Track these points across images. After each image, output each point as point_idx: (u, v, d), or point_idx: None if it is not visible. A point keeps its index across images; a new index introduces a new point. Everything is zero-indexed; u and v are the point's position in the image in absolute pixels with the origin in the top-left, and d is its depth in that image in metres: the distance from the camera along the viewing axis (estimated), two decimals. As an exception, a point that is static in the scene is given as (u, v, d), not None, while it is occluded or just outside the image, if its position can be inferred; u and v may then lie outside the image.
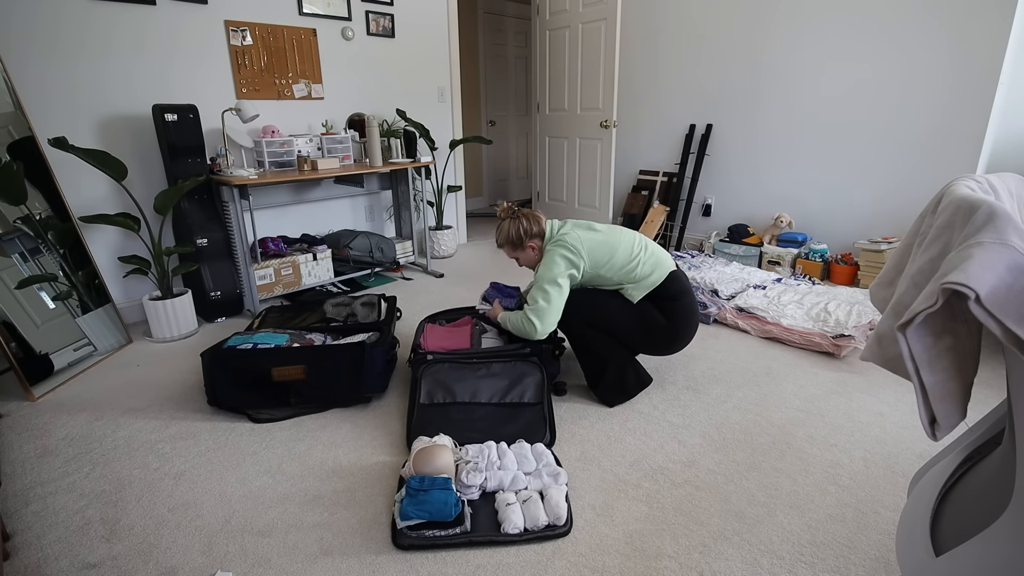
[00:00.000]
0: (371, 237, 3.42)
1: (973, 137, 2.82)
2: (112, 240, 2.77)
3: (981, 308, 0.54)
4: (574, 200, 4.70)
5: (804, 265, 3.33)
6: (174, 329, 2.63)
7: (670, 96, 4.13)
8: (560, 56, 4.46)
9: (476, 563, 1.32)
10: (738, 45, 3.65)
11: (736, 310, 2.73)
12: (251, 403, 1.95)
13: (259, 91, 3.13)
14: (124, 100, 2.70)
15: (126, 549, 1.37)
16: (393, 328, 2.28)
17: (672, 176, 4.23)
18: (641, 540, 1.38)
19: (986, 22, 2.68)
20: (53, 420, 1.95)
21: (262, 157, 3.04)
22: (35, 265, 2.25)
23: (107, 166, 2.34)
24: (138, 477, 1.64)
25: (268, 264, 2.94)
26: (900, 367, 0.74)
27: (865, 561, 1.31)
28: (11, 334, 2.08)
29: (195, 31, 2.85)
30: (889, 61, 3.03)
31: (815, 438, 1.80)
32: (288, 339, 2.07)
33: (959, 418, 0.66)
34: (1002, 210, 0.59)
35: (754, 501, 1.51)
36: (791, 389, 2.11)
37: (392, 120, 3.77)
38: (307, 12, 3.22)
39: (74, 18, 2.49)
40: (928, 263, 0.69)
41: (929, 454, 1.72)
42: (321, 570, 1.30)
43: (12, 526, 1.45)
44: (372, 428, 1.88)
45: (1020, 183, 0.84)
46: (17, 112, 2.30)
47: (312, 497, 1.55)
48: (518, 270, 3.75)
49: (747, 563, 1.31)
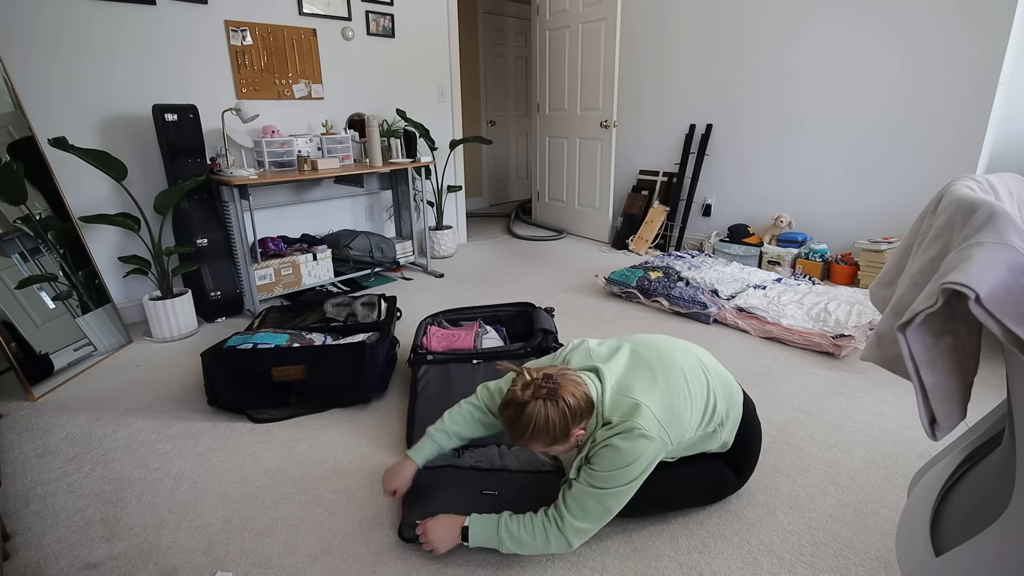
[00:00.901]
0: (371, 237, 3.42)
1: (973, 137, 2.82)
2: (112, 240, 2.77)
3: (981, 308, 0.54)
4: (574, 200, 4.70)
5: (804, 265, 3.33)
6: (174, 329, 2.63)
7: (670, 96, 4.13)
8: (560, 56, 4.46)
9: (476, 563, 1.31)
10: (738, 45, 3.65)
11: (736, 310, 2.73)
12: (251, 403, 1.95)
13: (259, 91, 3.13)
14: (124, 100, 2.70)
15: (126, 549, 1.37)
16: (393, 328, 2.28)
17: (672, 176, 4.23)
18: (641, 540, 1.38)
19: (986, 22, 2.68)
20: (53, 420, 1.95)
21: (262, 157, 3.04)
22: (35, 265, 2.25)
23: (107, 166, 2.34)
24: (138, 477, 1.64)
25: (268, 264, 2.94)
26: (900, 367, 0.74)
27: (865, 561, 1.31)
28: (11, 334, 2.08)
29: (195, 31, 2.85)
30: (889, 61, 3.03)
31: (815, 438, 1.80)
32: (288, 339, 2.07)
33: (959, 418, 0.66)
34: (1002, 210, 0.59)
35: (754, 501, 1.51)
36: (791, 389, 2.11)
37: (392, 120, 3.77)
38: (307, 12, 3.22)
39: (74, 18, 2.49)
40: (928, 263, 0.69)
41: (929, 454, 1.72)
42: (321, 570, 1.30)
43: (12, 526, 1.45)
44: (372, 428, 1.88)
45: (1020, 183, 0.84)
46: (17, 112, 2.30)
47: (312, 497, 1.55)
48: (518, 277, 3.74)
49: (747, 563, 1.31)
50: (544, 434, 1.18)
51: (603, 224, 4.47)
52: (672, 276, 3.09)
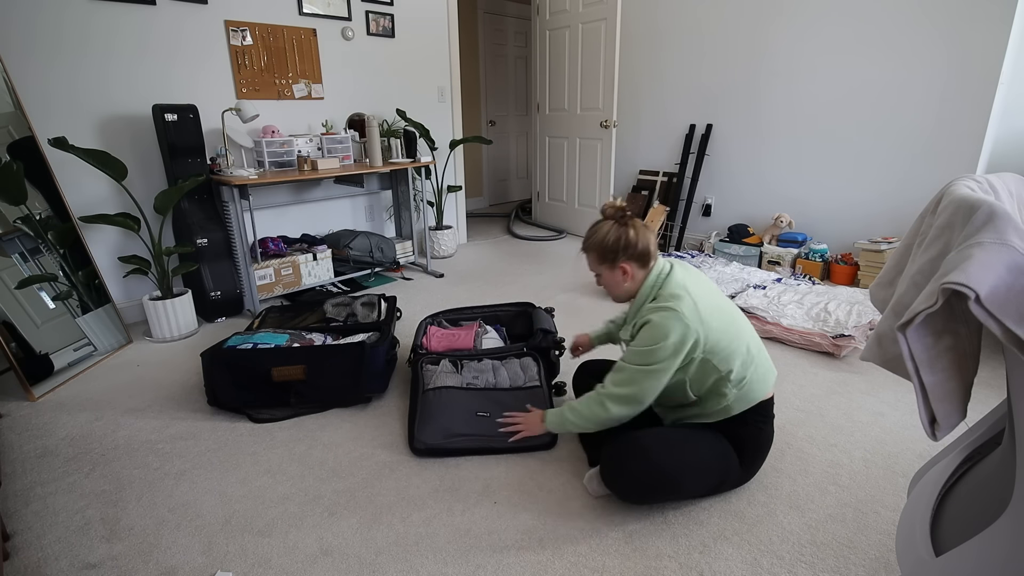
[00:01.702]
0: (371, 237, 3.42)
1: (973, 137, 2.82)
2: (112, 240, 2.77)
3: (981, 308, 0.54)
4: (574, 200, 4.70)
5: (804, 265, 3.33)
6: (174, 329, 2.63)
7: (670, 96, 4.13)
8: (560, 56, 4.46)
9: (476, 563, 1.32)
10: (738, 45, 3.65)
11: (736, 310, 2.73)
12: (251, 403, 1.95)
13: (259, 91, 3.13)
14: (124, 100, 2.70)
15: (126, 549, 1.37)
16: (393, 328, 2.28)
17: (672, 176, 4.23)
18: (641, 540, 1.38)
19: (986, 22, 2.68)
20: (53, 420, 1.95)
21: (262, 157, 3.04)
22: (35, 265, 2.25)
23: (107, 166, 2.34)
24: (138, 477, 1.64)
25: (268, 264, 2.94)
26: (900, 367, 0.74)
27: (865, 561, 1.31)
28: (11, 334, 2.08)
29: (195, 31, 2.85)
30: (889, 60, 3.03)
31: (815, 438, 1.80)
32: (288, 339, 2.07)
33: (959, 418, 0.66)
34: (1002, 210, 0.59)
35: (754, 501, 1.51)
36: (791, 389, 2.11)
37: (392, 120, 3.77)
38: (307, 12, 3.22)
39: (75, 18, 2.49)
40: (928, 263, 0.69)
41: (929, 454, 1.72)
42: (321, 570, 1.30)
43: (12, 526, 1.45)
44: (372, 428, 1.88)
45: (1020, 183, 0.84)
46: (17, 112, 2.30)
47: (312, 497, 1.55)
48: (518, 277, 3.74)
49: (747, 563, 1.31)
50: (599, 246, 1.45)
51: (603, 224, 4.46)
52: (672, 276, 3.08)
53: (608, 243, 1.43)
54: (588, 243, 1.48)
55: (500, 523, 1.45)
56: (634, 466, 1.37)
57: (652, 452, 1.38)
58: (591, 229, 1.48)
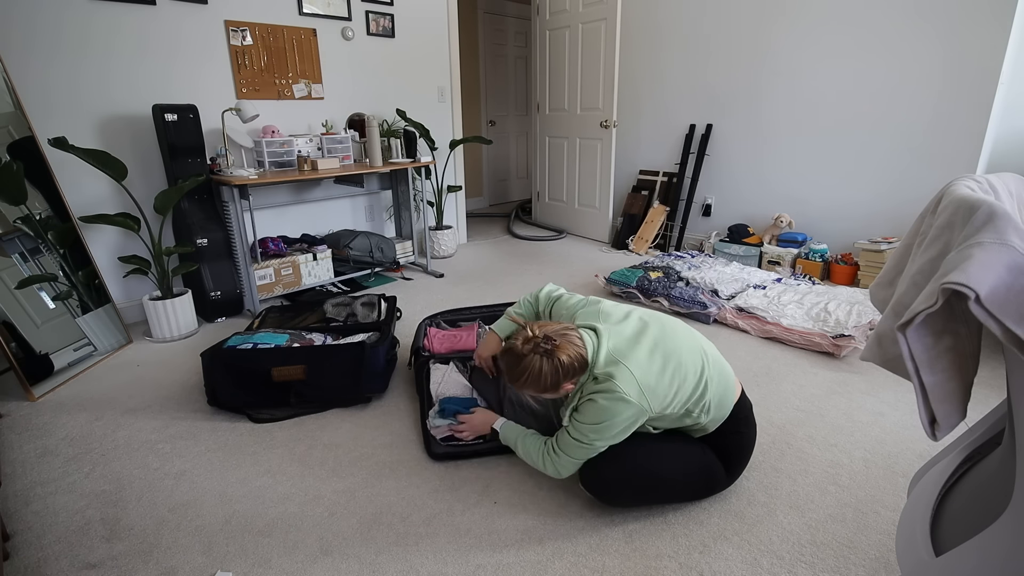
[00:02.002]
0: (371, 237, 3.42)
1: (973, 137, 2.82)
2: (112, 240, 2.77)
3: (981, 308, 0.54)
4: (574, 200, 4.70)
5: (804, 265, 3.33)
6: (174, 329, 2.63)
7: (670, 96, 4.13)
8: (560, 56, 4.46)
9: (476, 563, 1.32)
10: (739, 45, 3.65)
11: (736, 310, 2.73)
12: (251, 403, 1.95)
13: (259, 91, 3.13)
14: (124, 100, 2.70)
15: (126, 549, 1.37)
16: (393, 328, 2.28)
17: (672, 176, 4.23)
18: (641, 540, 1.38)
19: (986, 22, 2.68)
20: (53, 420, 1.95)
21: (262, 157, 3.04)
22: (35, 265, 2.25)
23: (107, 166, 2.34)
24: (138, 477, 1.64)
25: (268, 264, 2.94)
26: (900, 367, 0.74)
27: (865, 561, 1.31)
28: (11, 334, 2.08)
29: (195, 31, 2.85)
30: (888, 60, 3.03)
31: (815, 438, 1.80)
32: (288, 339, 2.07)
33: (959, 418, 0.66)
34: (1002, 210, 0.59)
35: (754, 501, 1.51)
36: (791, 389, 2.11)
37: (392, 120, 3.77)
38: (307, 12, 3.22)
39: (74, 18, 2.49)
40: (928, 263, 0.69)
41: (929, 454, 1.72)
42: (321, 570, 1.30)
43: (12, 526, 1.45)
44: (372, 428, 1.88)
45: (1020, 183, 0.84)
46: (17, 112, 2.30)
47: (312, 497, 1.55)
48: (518, 277, 3.74)
49: (747, 563, 1.31)
50: (536, 384, 1.32)
51: (603, 224, 4.47)
52: (672, 276, 3.09)
53: (547, 382, 1.31)
54: (520, 383, 1.33)
55: (500, 523, 1.45)
56: (609, 473, 1.40)
57: (627, 458, 1.39)
58: (514, 368, 1.32)
